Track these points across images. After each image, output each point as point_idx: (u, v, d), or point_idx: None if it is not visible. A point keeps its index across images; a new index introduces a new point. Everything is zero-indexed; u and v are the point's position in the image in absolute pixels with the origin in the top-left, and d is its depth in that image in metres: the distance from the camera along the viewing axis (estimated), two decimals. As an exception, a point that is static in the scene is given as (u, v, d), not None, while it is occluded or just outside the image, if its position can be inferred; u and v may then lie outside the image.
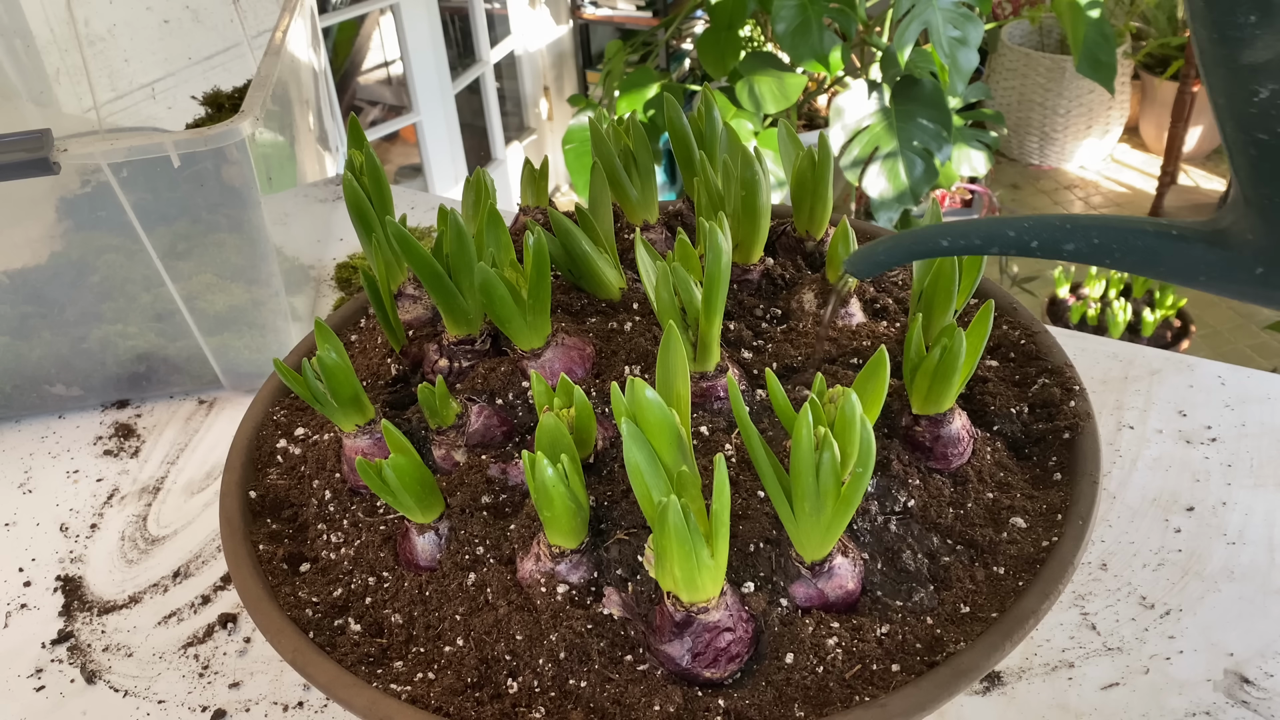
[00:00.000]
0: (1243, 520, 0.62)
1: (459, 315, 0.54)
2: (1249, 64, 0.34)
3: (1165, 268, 0.40)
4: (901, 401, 0.50)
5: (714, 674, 0.42)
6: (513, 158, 2.93)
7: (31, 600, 0.66)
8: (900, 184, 1.98)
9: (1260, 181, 0.37)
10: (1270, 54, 0.33)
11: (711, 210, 0.58)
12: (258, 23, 1.06)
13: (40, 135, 0.64)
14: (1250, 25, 0.33)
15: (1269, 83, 0.33)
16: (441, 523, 0.48)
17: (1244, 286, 0.39)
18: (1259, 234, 0.38)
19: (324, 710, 0.57)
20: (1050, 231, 0.41)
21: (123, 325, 0.78)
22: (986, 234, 0.42)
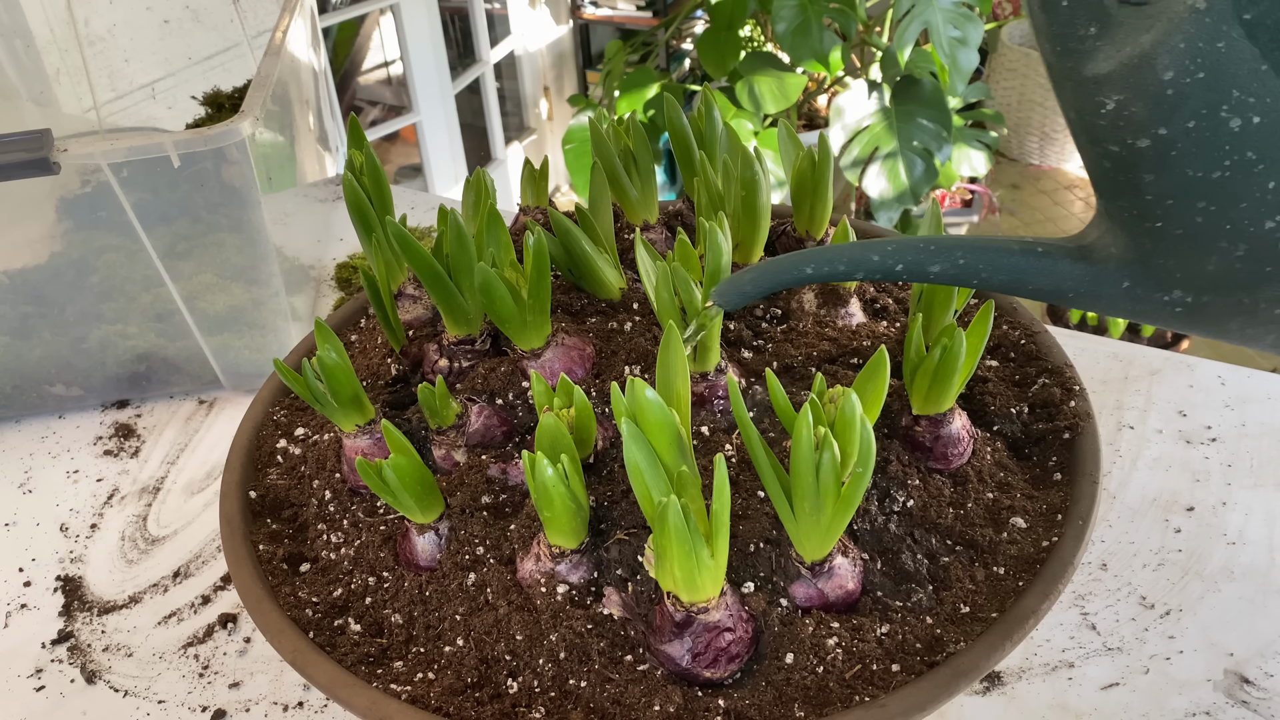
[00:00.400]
0: (1243, 520, 0.62)
1: (459, 315, 0.54)
2: (1092, 76, 0.33)
3: (1034, 286, 0.40)
4: (901, 401, 0.50)
5: (714, 674, 0.42)
6: (513, 158, 2.93)
7: (31, 600, 0.66)
8: (900, 184, 1.98)
9: (1117, 194, 0.36)
10: (1112, 65, 0.33)
11: (711, 210, 0.58)
12: (258, 23, 1.06)
13: (40, 135, 0.64)
14: (1091, 37, 0.33)
15: (1113, 94, 0.33)
16: (441, 523, 0.48)
17: (1113, 302, 0.39)
18: (1121, 248, 0.38)
19: (324, 710, 0.57)
20: (914, 254, 0.41)
21: (123, 325, 0.78)
22: (851, 259, 0.42)
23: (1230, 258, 0.35)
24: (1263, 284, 0.35)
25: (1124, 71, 0.32)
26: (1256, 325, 0.37)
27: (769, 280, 0.44)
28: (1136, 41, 0.32)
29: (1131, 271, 0.38)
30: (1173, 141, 0.33)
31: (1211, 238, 0.34)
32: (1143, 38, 0.32)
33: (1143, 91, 0.32)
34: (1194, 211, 0.34)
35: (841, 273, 0.42)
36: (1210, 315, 0.37)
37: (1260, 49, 0.30)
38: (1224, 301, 0.36)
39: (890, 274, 0.41)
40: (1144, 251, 0.37)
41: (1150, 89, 0.32)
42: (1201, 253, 0.35)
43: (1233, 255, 0.35)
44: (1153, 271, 0.37)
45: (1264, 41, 0.30)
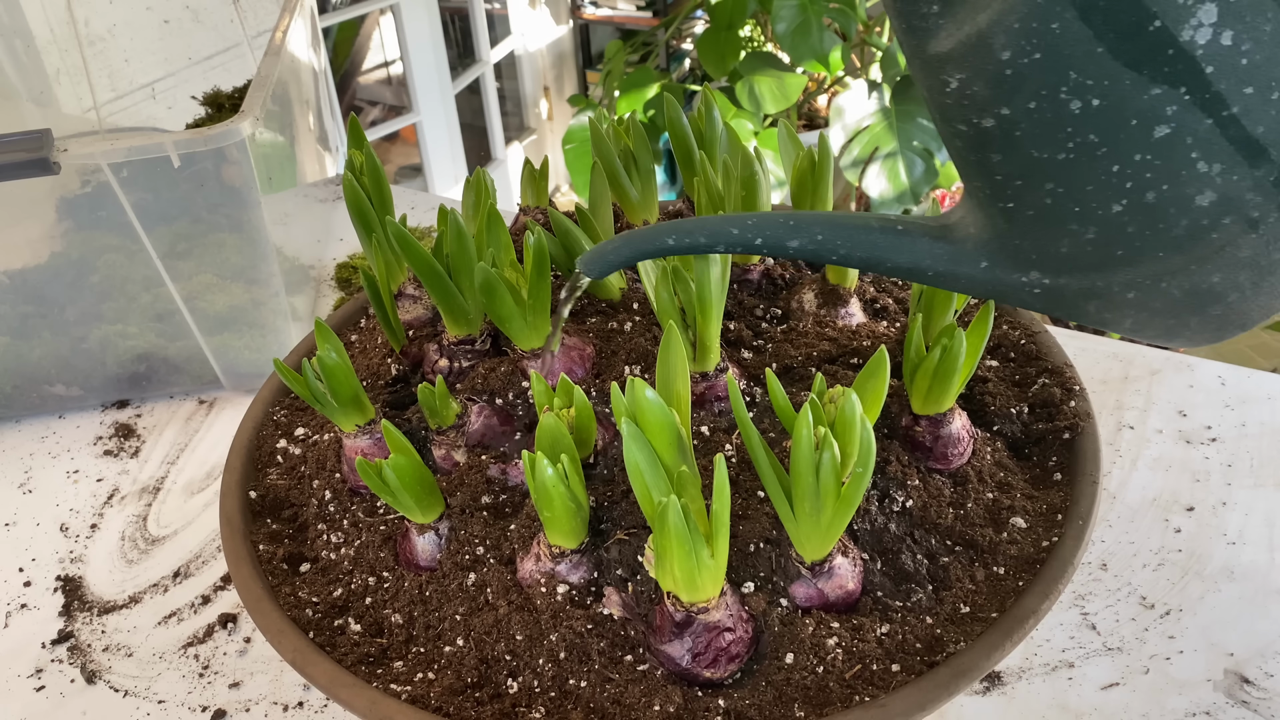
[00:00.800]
0: (1243, 520, 0.62)
1: (459, 315, 0.54)
2: (935, 54, 0.33)
3: (892, 263, 0.40)
4: (901, 401, 0.50)
5: (714, 674, 0.42)
6: (513, 158, 2.93)
7: (31, 600, 0.66)
8: (900, 184, 1.98)
9: (970, 174, 0.36)
10: (952, 43, 0.33)
11: (711, 210, 0.58)
12: (258, 23, 1.06)
13: (40, 135, 0.64)
14: (933, 15, 0.33)
15: (956, 73, 0.33)
16: (441, 523, 0.48)
17: (973, 282, 0.39)
18: (979, 227, 0.38)
19: (324, 710, 0.57)
20: (775, 229, 0.41)
21: (123, 325, 0.78)
22: (712, 232, 0.42)
23: (1082, 240, 0.35)
24: (1115, 267, 0.35)
25: (963, 50, 0.32)
26: (1113, 309, 0.37)
27: (631, 249, 0.44)
28: (974, 21, 0.32)
29: (989, 252, 0.38)
30: (1016, 122, 0.33)
31: (1061, 219, 0.35)
32: (980, 17, 0.32)
33: (982, 71, 0.32)
34: (1042, 193, 0.34)
35: (703, 245, 0.42)
36: (1067, 298, 0.37)
37: (1094, 30, 0.30)
38: (1079, 284, 0.36)
39: (750, 247, 0.41)
40: (999, 232, 0.37)
41: (989, 69, 0.32)
42: (1053, 234, 0.35)
43: (1084, 238, 0.35)
44: (1009, 252, 0.37)
45: (1097, 23, 0.30)
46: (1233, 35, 0.29)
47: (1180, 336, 0.37)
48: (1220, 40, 0.29)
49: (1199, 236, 0.33)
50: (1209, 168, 0.31)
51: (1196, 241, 0.33)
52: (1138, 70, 0.30)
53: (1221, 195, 0.32)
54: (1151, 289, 0.35)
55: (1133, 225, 0.33)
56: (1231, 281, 0.34)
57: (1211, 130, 0.31)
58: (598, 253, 0.46)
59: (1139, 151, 0.32)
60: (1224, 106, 0.30)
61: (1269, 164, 0.31)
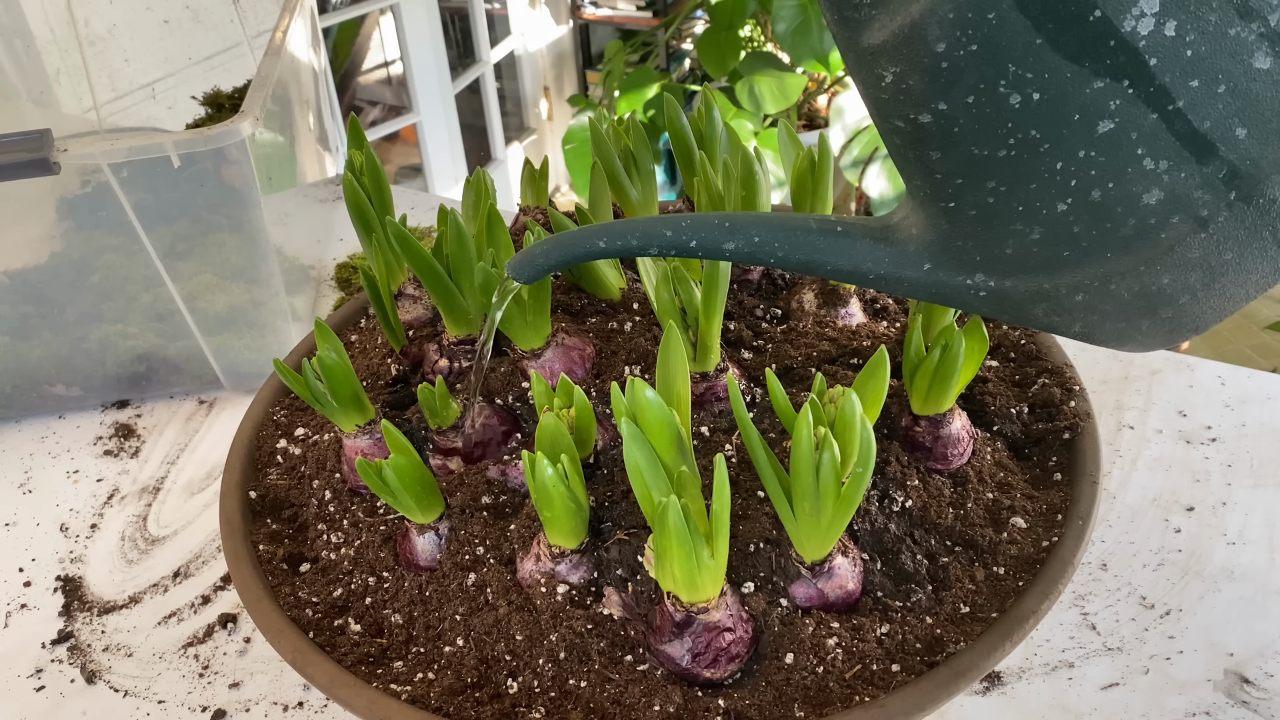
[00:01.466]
0: (1243, 520, 0.62)
1: (459, 315, 0.54)
2: (869, 46, 0.32)
3: (832, 266, 0.38)
4: (901, 401, 0.50)
5: (714, 674, 0.42)
6: (513, 158, 2.93)
7: (31, 600, 0.66)
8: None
9: (910, 172, 0.35)
10: (885, 35, 0.31)
11: (711, 210, 0.58)
12: (258, 23, 1.06)
13: (40, 135, 0.64)
14: (866, 5, 0.32)
15: (890, 65, 0.32)
16: (441, 523, 0.48)
17: (915, 285, 0.37)
18: (922, 228, 0.36)
19: (324, 710, 0.57)
20: (709, 230, 0.39)
21: (123, 325, 0.78)
22: (645, 234, 0.40)
23: (1026, 240, 0.33)
24: (1061, 269, 0.34)
25: (897, 42, 0.31)
26: (1061, 313, 0.35)
27: (561, 252, 0.42)
28: (907, 11, 0.30)
29: (932, 254, 0.36)
30: (954, 118, 0.31)
31: (1005, 219, 0.33)
32: (913, 7, 0.30)
33: (917, 64, 0.31)
34: (984, 192, 0.33)
35: (635, 247, 0.40)
36: (1014, 301, 0.36)
37: (1032, 21, 0.29)
38: (1026, 287, 0.35)
39: (685, 250, 0.40)
40: (942, 233, 0.35)
41: (924, 61, 0.31)
42: (997, 235, 0.34)
43: (1029, 238, 0.33)
44: (952, 254, 0.36)
45: (1035, 13, 0.29)
46: (1176, 26, 0.28)
47: (1132, 340, 0.36)
48: (1163, 31, 0.28)
49: (1147, 236, 0.32)
50: (1155, 164, 0.30)
51: (1145, 241, 0.32)
52: (1079, 63, 0.29)
53: (1169, 193, 0.31)
54: (1100, 291, 0.34)
55: (1079, 225, 0.32)
56: (1182, 283, 0.33)
57: (1157, 125, 0.30)
58: (526, 256, 0.43)
59: (1082, 148, 0.31)
60: (1169, 100, 0.29)
61: (1217, 160, 0.30)
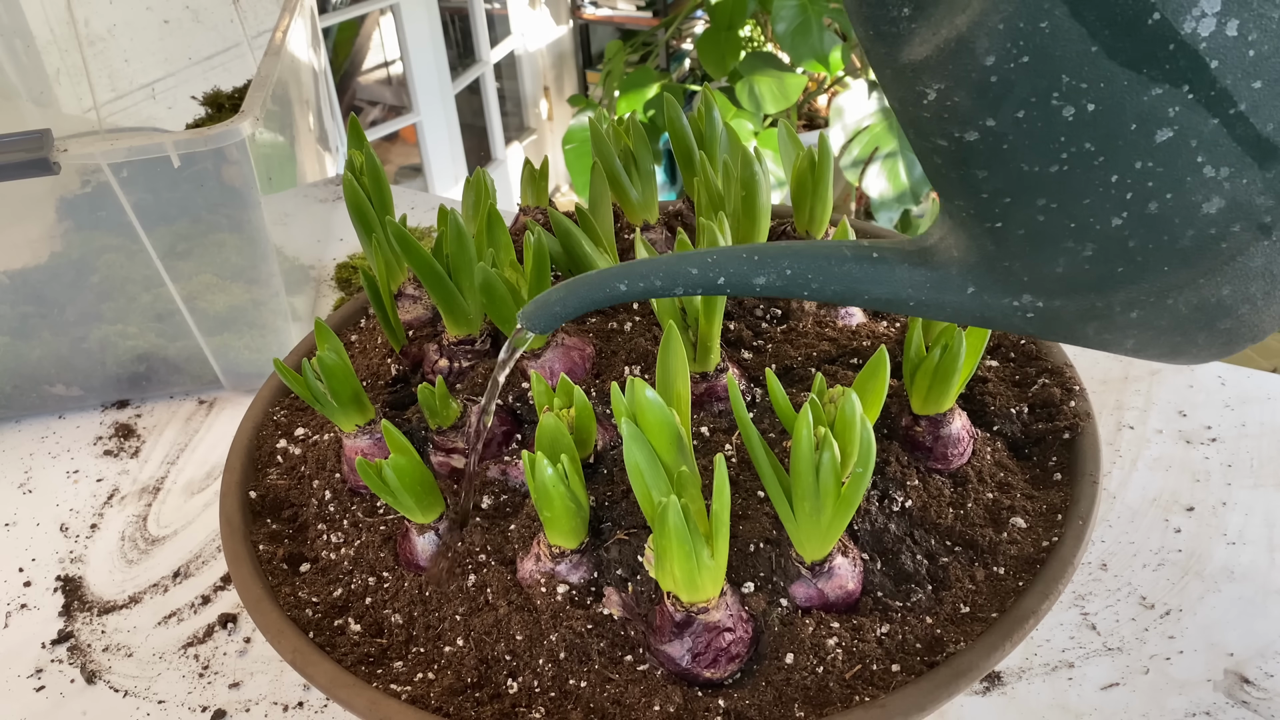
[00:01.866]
0: (1243, 520, 0.62)
1: (459, 315, 0.54)
2: (909, 62, 0.30)
3: (870, 295, 0.37)
4: (901, 401, 0.50)
5: (714, 674, 0.42)
6: (513, 158, 2.93)
7: (31, 600, 0.66)
8: (900, 184, 1.97)
9: (952, 192, 0.33)
10: (929, 50, 0.29)
11: (711, 210, 0.58)
12: (258, 23, 1.06)
13: (40, 135, 0.64)
14: (905, 19, 0.30)
15: (933, 82, 0.30)
16: (441, 523, 0.48)
17: (959, 310, 0.36)
18: (963, 250, 0.34)
19: (324, 710, 0.57)
20: (737, 265, 0.37)
21: (123, 325, 0.78)
22: (668, 273, 0.38)
23: (1079, 258, 0.32)
24: (1116, 286, 0.33)
25: (942, 57, 0.29)
26: (1113, 330, 0.34)
27: (578, 299, 0.40)
28: (952, 23, 0.29)
29: (976, 276, 0.35)
30: (1003, 134, 0.30)
31: (1056, 237, 0.32)
32: (959, 19, 0.29)
33: (964, 79, 0.29)
34: (1034, 210, 0.31)
35: (659, 288, 0.38)
36: (1063, 321, 0.35)
37: (1087, 28, 0.27)
38: (1077, 306, 0.34)
39: (712, 288, 0.38)
40: (987, 254, 0.34)
41: (972, 76, 0.29)
42: (1047, 254, 0.33)
43: (1081, 255, 0.32)
44: (998, 275, 0.34)
45: (1091, 20, 0.27)
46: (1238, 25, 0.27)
47: (1186, 354, 0.35)
48: (1225, 31, 0.27)
49: (1207, 247, 0.31)
50: (1216, 172, 0.29)
51: (1204, 253, 0.31)
52: (1136, 69, 0.28)
53: (1230, 201, 0.29)
54: (1156, 306, 0.33)
55: (1135, 239, 0.31)
56: (1242, 293, 0.32)
57: (1218, 131, 0.28)
58: (541, 304, 0.41)
59: (1140, 158, 0.29)
60: (1230, 104, 0.28)
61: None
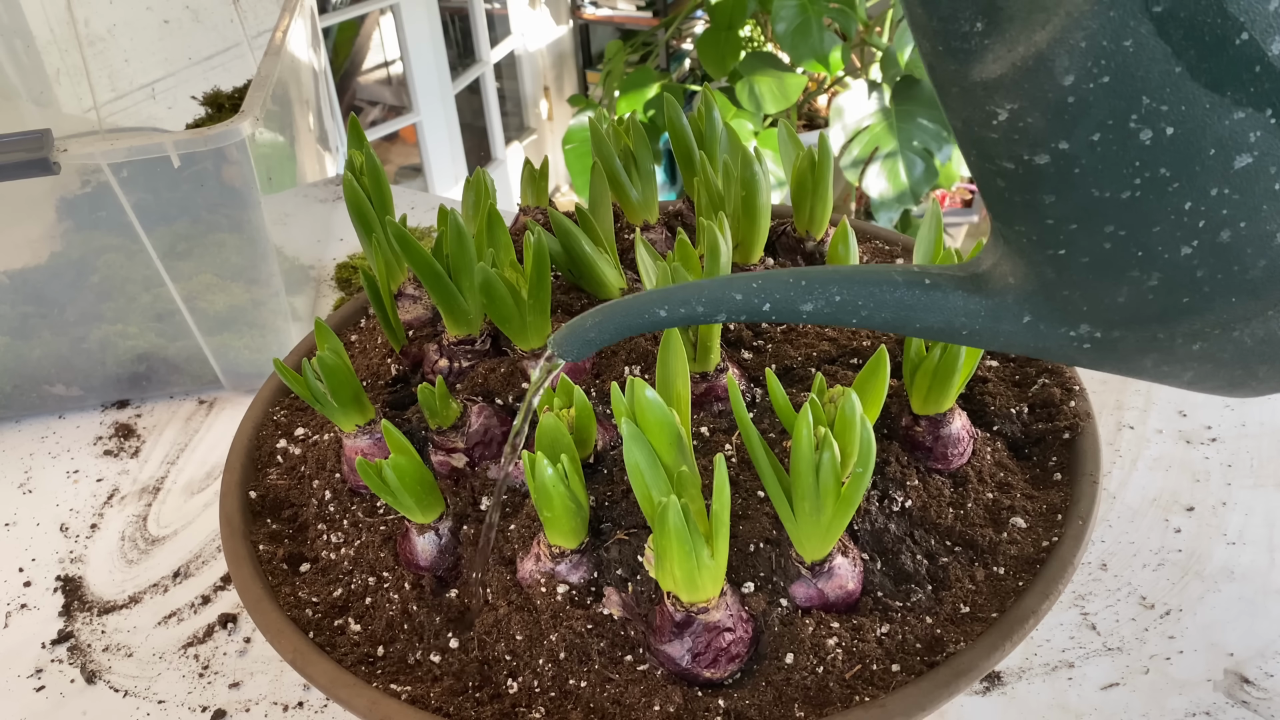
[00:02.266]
0: (1243, 520, 0.62)
1: (459, 315, 0.54)
2: (981, 81, 0.29)
3: (922, 324, 0.35)
4: (901, 401, 0.50)
5: (714, 674, 0.42)
6: (513, 158, 2.93)
7: (31, 600, 0.66)
8: (900, 184, 1.98)
9: (1013, 218, 0.32)
10: (1003, 68, 0.28)
11: (711, 210, 0.58)
12: (258, 23, 1.06)
13: (40, 135, 0.64)
14: (978, 34, 0.29)
15: (1006, 102, 0.29)
16: (441, 523, 0.48)
17: (1013, 338, 0.35)
18: (1020, 277, 0.33)
19: (324, 710, 0.57)
20: (784, 291, 0.36)
21: (123, 325, 0.78)
22: (711, 299, 0.37)
23: (1143, 288, 0.31)
24: (1179, 317, 0.32)
25: (1017, 75, 0.28)
26: (1173, 362, 0.33)
27: (615, 326, 0.39)
28: (1030, 40, 0.28)
29: (1033, 305, 0.34)
30: (1075, 158, 0.29)
31: (1122, 266, 0.31)
32: (1037, 35, 0.27)
33: (1039, 99, 0.28)
34: (1101, 237, 0.30)
35: (701, 314, 0.37)
36: (1122, 352, 0.34)
37: (1173, 47, 0.26)
38: (1137, 337, 0.33)
39: (756, 314, 0.36)
40: (1046, 282, 0.33)
41: (1048, 96, 0.28)
42: (1111, 283, 0.31)
43: (1145, 285, 0.31)
44: (1057, 304, 0.33)
45: (1177, 39, 0.26)
46: None
47: (1245, 387, 0.34)
48: None
49: (1278, 278, 0.30)
50: None
51: (1275, 284, 0.30)
52: (1219, 91, 0.27)
53: None
54: (1220, 339, 0.32)
55: (1203, 269, 0.30)
56: None
57: None
58: (574, 330, 0.40)
59: (1216, 185, 0.28)
60: None
61: None
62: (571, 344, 0.40)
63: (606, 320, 0.39)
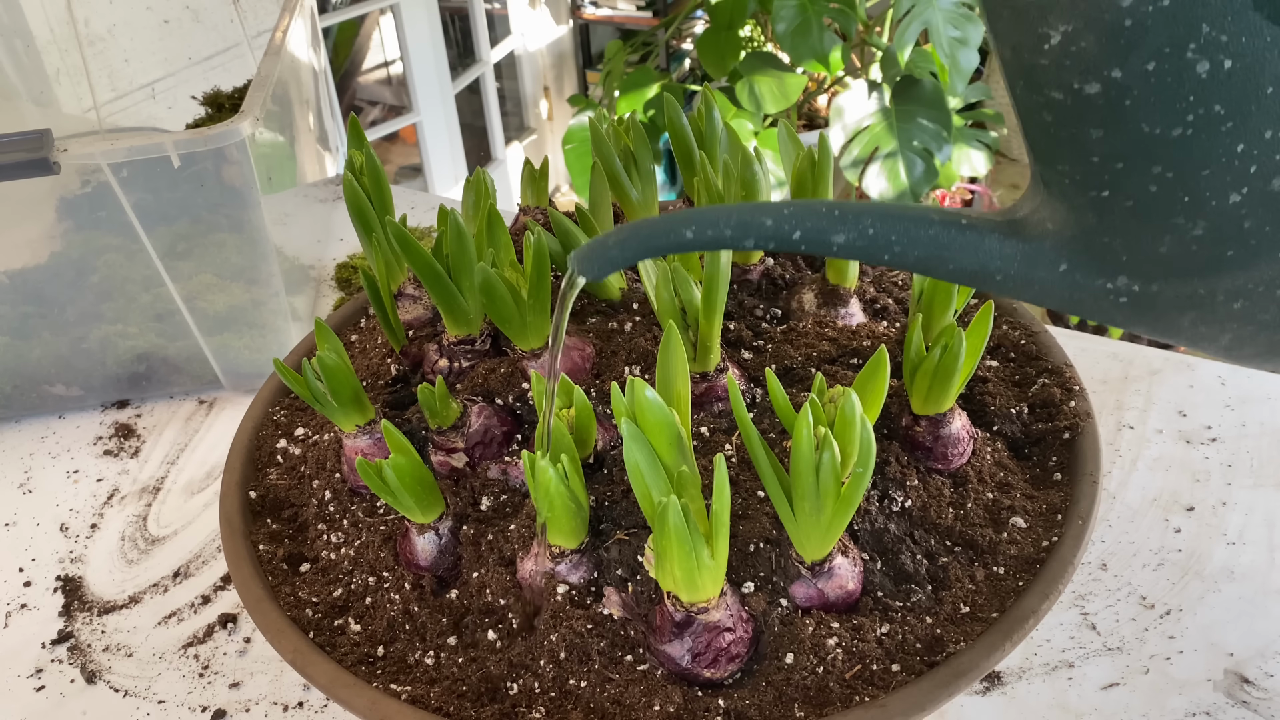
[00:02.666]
0: (1243, 520, 0.62)
1: (459, 315, 0.54)
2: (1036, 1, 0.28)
3: (954, 265, 0.34)
4: (901, 401, 0.50)
5: (714, 674, 0.42)
6: (513, 158, 2.93)
7: (31, 600, 0.66)
8: (900, 184, 1.97)
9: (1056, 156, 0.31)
10: None
11: (711, 210, 0.58)
12: (258, 23, 1.06)
13: (40, 135, 0.64)
14: None
15: (1060, 23, 0.27)
16: (441, 523, 0.48)
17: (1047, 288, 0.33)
18: (1059, 223, 0.32)
19: (324, 710, 0.57)
20: (816, 220, 0.34)
21: (123, 325, 0.78)
22: (740, 223, 0.35)
23: (1187, 237, 0.30)
24: (1223, 271, 0.30)
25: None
26: (1211, 322, 0.32)
27: (639, 243, 0.37)
28: None
29: (1070, 252, 0.32)
30: (1127, 88, 0.27)
31: (1166, 212, 0.29)
32: None
33: (1095, 21, 0.27)
34: (1147, 178, 0.29)
35: (728, 238, 0.35)
36: (1160, 308, 0.32)
37: None
38: (1176, 292, 0.31)
39: (786, 242, 0.35)
40: (1086, 228, 0.32)
41: (1104, 18, 0.26)
42: (1154, 231, 0.30)
43: (1189, 234, 0.30)
44: (1095, 253, 0.32)
45: None
46: None
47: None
48: None
49: None
50: None
51: None
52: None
53: None
54: (1264, 297, 0.30)
55: (1251, 219, 0.29)
56: None
57: None
58: (596, 248, 0.38)
59: (1271, 127, 0.27)
60: None
61: None
62: (593, 261, 0.38)
63: (631, 238, 0.37)
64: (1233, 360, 0.34)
